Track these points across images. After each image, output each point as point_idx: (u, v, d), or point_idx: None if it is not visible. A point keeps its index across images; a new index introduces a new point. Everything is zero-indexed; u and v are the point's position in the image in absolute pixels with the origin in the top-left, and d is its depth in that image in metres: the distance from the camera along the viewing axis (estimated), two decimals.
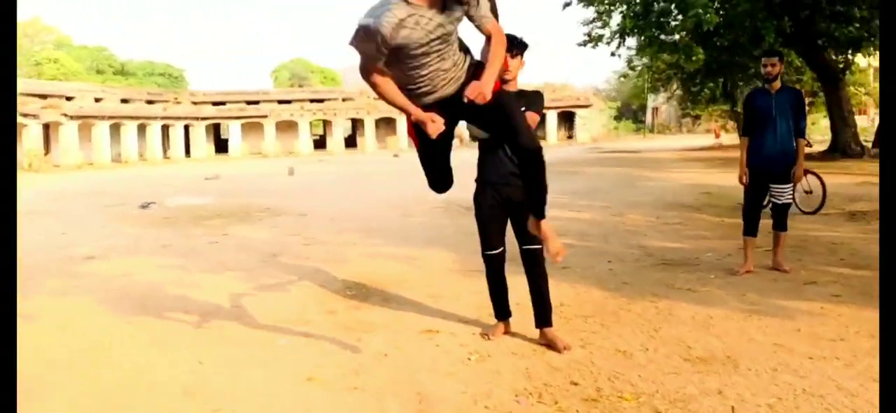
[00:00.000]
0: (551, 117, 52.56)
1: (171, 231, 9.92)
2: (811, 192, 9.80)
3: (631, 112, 74.43)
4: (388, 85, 3.14)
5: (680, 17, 17.43)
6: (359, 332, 4.63)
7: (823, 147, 23.08)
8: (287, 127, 52.36)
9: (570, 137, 53.52)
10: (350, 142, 57.03)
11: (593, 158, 28.67)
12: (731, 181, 15.39)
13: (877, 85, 33.11)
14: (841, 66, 20.39)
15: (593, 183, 16.48)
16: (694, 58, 17.43)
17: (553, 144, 48.93)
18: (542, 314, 4.28)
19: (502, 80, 4.40)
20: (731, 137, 39.35)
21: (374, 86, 3.16)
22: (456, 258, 7.16)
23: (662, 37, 18.77)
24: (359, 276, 6.39)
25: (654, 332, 4.37)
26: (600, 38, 24.41)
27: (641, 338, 4.25)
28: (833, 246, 7.02)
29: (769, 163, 5.77)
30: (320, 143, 56.81)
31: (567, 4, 24.12)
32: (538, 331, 4.29)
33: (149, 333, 4.75)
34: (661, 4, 17.72)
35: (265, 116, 51.31)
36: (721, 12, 16.69)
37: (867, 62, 27.98)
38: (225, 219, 11.26)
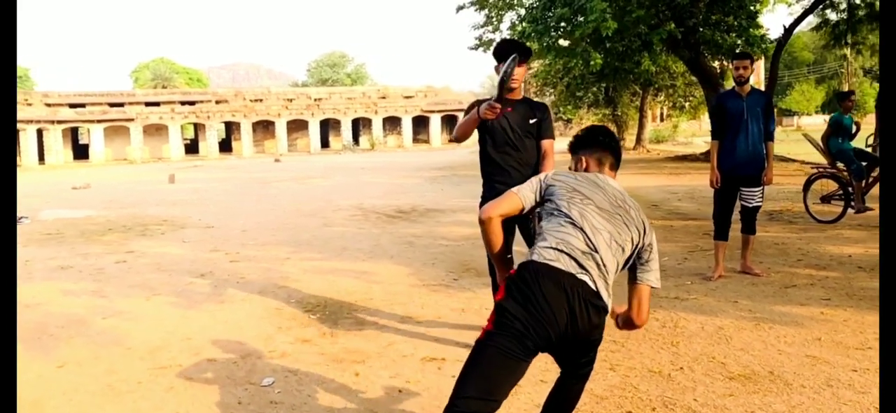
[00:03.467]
0: (435, 121, 52.75)
1: (62, 249, 8.71)
2: None
3: None
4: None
5: (579, 21, 17.72)
6: (351, 365, 4.07)
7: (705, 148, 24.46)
8: (155, 131, 49.16)
9: (453, 140, 53.83)
10: (224, 146, 54.49)
11: None
12: (630, 182, 15.86)
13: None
14: (719, 72, 21.59)
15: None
16: (592, 62, 17.77)
17: (437, 148, 49.11)
18: None
19: (508, 89, 4.14)
20: None
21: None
22: (410, 271, 6.68)
23: (560, 42, 19.03)
24: (313, 296, 5.76)
25: (674, 347, 4.13)
26: (491, 42, 24.62)
27: (666, 355, 3.99)
28: (779, 247, 7.17)
29: (741, 166, 5.74)
30: (192, 148, 53.90)
31: (461, 8, 24.15)
32: None
33: (94, 380, 3.94)
34: (559, 10, 17.94)
35: (131, 120, 47.90)
36: (612, 16, 17.11)
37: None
38: (121, 234, 10.09)
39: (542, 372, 3.82)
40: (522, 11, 22.46)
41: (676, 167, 20.07)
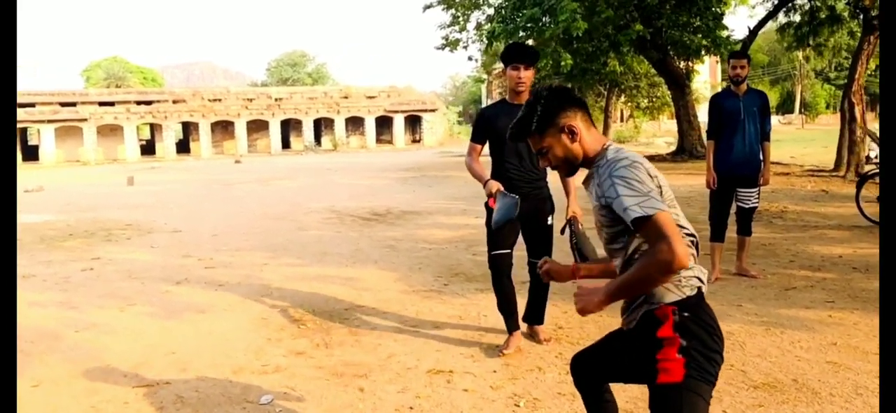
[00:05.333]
0: (398, 121, 52.41)
1: (21, 257, 8.20)
2: None
3: (468, 116, 76.16)
4: None
5: (547, 22, 17.67)
6: (353, 379, 3.84)
7: (672, 148, 24.72)
8: (110, 131, 47.69)
9: (416, 141, 53.56)
10: (182, 147, 53.21)
11: (451, 162, 28.45)
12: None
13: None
14: (685, 72, 21.81)
15: (471, 187, 16.21)
16: (563, 63, 17.74)
17: (401, 148, 48.76)
18: (538, 313, 4.39)
19: (516, 92, 4.08)
20: None
21: None
22: (398, 277, 6.44)
23: (529, 42, 18.98)
24: (300, 304, 5.49)
25: None
26: (457, 42, 24.48)
27: None
28: (768, 248, 7.13)
29: (737, 166, 5.65)
30: (148, 149, 52.45)
31: (428, 7, 23.94)
32: (526, 325, 4.44)
33: (75, 401, 3.63)
34: (529, 11, 17.87)
35: (84, 120, 46.40)
36: (582, 17, 17.12)
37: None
38: (83, 239, 9.61)
39: (559, 384, 3.66)
40: (490, 11, 22.39)
41: None
